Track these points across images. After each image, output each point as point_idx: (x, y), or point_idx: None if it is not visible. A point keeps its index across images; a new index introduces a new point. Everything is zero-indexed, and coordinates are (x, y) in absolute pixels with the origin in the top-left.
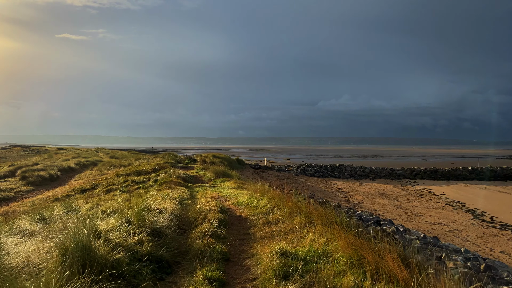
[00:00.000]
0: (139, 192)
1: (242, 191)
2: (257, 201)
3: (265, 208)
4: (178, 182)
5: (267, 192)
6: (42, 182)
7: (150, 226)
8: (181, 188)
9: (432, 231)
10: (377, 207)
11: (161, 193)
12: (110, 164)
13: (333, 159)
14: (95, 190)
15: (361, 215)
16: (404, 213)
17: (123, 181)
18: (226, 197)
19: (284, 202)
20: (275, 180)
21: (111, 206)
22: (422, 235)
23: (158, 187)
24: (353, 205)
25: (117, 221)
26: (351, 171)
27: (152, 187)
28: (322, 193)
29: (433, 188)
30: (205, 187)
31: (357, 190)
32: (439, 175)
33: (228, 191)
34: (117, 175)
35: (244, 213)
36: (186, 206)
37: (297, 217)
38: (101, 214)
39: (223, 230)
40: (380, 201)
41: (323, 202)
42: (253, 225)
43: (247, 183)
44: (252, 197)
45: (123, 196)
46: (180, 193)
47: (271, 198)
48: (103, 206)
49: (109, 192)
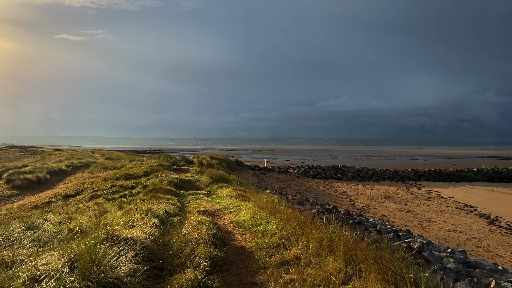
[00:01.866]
0: (122, 201)
1: (243, 202)
2: (265, 223)
3: (278, 237)
4: (168, 189)
5: (277, 209)
6: (29, 185)
7: (100, 279)
8: (170, 198)
9: (449, 240)
10: (386, 212)
11: (143, 206)
12: (103, 166)
13: (333, 160)
14: (79, 197)
15: (375, 224)
16: (415, 218)
17: (110, 186)
18: (223, 210)
19: (305, 229)
20: (276, 183)
21: (83, 222)
22: (450, 249)
23: (144, 195)
24: (360, 210)
25: (56, 263)
26: (354, 172)
27: (139, 194)
28: (326, 196)
29: (439, 190)
30: (199, 195)
31: (362, 193)
32: (444, 176)
33: (225, 201)
34: (105, 179)
35: (248, 242)
36: (170, 226)
37: (331, 258)
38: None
39: (216, 279)
40: (388, 205)
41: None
42: (262, 267)
43: (248, 190)
44: (258, 216)
45: (105, 205)
46: (167, 206)
47: (284, 220)
48: (76, 221)
49: (93, 199)
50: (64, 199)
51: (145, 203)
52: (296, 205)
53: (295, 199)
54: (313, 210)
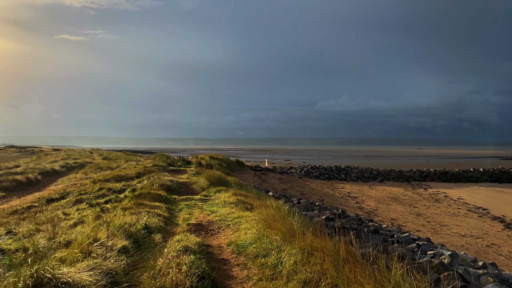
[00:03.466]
0: (105, 208)
1: (243, 212)
2: (276, 253)
3: (298, 280)
4: (157, 194)
5: (293, 231)
6: (18, 187)
7: None
8: (157, 205)
9: (468, 247)
10: (395, 215)
11: (119, 220)
12: (97, 167)
13: (334, 160)
14: (63, 201)
15: (390, 232)
16: (427, 222)
17: (98, 189)
18: (220, 223)
19: (343, 271)
20: (278, 184)
21: (41, 241)
22: (481, 262)
23: (130, 201)
24: (368, 213)
25: None
26: (358, 173)
27: (126, 199)
28: (331, 198)
29: (447, 191)
30: (193, 201)
31: (367, 195)
32: (450, 177)
33: (223, 210)
34: (94, 181)
35: (253, 284)
36: (146, 251)
37: None
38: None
39: None
40: (396, 207)
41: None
42: None
43: (249, 195)
44: (265, 238)
45: (86, 212)
46: (150, 218)
47: (307, 251)
48: (38, 235)
49: (77, 204)
50: (47, 204)
51: (127, 213)
52: (303, 210)
53: (301, 203)
54: (322, 217)
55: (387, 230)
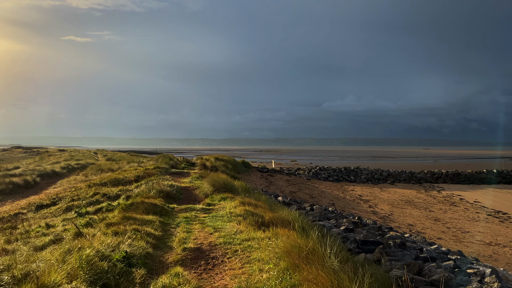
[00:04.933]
0: (93, 219)
1: (255, 232)
2: None
3: None
4: (152, 204)
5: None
6: (14, 190)
7: None
8: (149, 220)
9: (497, 258)
10: (412, 220)
11: (98, 242)
12: (98, 169)
13: (341, 160)
14: (53, 207)
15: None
16: (446, 228)
17: (92, 194)
18: (225, 248)
19: None
20: (286, 186)
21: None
22: None
23: (119, 213)
24: (383, 218)
25: None
26: (368, 174)
27: (116, 208)
28: (342, 201)
29: (462, 194)
30: (194, 211)
31: (379, 197)
32: (463, 178)
33: (229, 225)
34: (89, 186)
35: None
36: None
37: None
38: None
39: None
40: (412, 211)
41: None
42: None
43: (259, 203)
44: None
45: (69, 226)
46: (136, 241)
47: None
48: None
49: (66, 212)
50: (36, 210)
51: (110, 231)
52: (318, 219)
53: (314, 209)
54: (341, 227)
55: (411, 241)
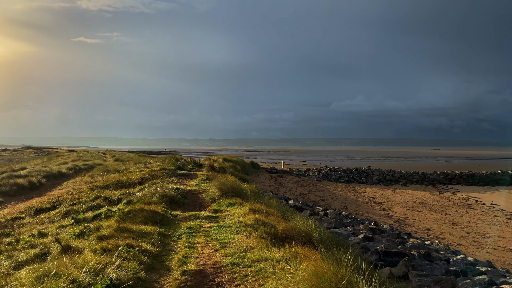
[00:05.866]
0: (88, 228)
1: (269, 250)
2: None
3: None
4: (152, 212)
5: None
6: (18, 191)
7: None
8: (147, 232)
9: None
10: (428, 224)
11: (84, 258)
12: (105, 170)
13: (351, 161)
14: (52, 211)
15: (447, 257)
16: (465, 233)
17: (93, 197)
18: (233, 272)
19: None
20: (296, 188)
21: None
22: None
23: (115, 222)
24: (398, 222)
25: None
26: (379, 175)
27: (113, 216)
28: (354, 204)
29: (477, 196)
30: (199, 219)
31: (393, 200)
32: (477, 179)
33: (238, 239)
34: (92, 188)
35: None
36: None
37: None
38: None
39: None
40: (427, 214)
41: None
42: None
43: (270, 210)
44: None
45: (64, 235)
46: (124, 262)
47: None
48: None
49: (64, 218)
50: (35, 215)
51: (99, 247)
52: (333, 226)
53: (328, 215)
54: (359, 236)
55: (433, 249)
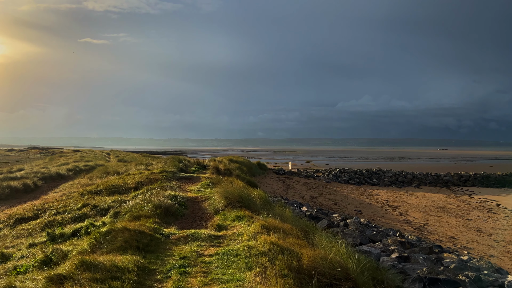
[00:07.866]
0: (58, 252)
1: None
2: None
3: None
4: (138, 233)
5: None
6: (11, 194)
7: None
8: (122, 269)
9: None
10: (451, 231)
11: None
12: (105, 171)
13: (358, 161)
14: (33, 222)
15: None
16: (494, 242)
17: (81, 205)
18: None
19: None
20: (305, 190)
21: None
22: None
23: (89, 245)
24: (418, 229)
25: None
26: (391, 177)
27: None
28: (368, 208)
29: (495, 198)
30: (198, 241)
31: (408, 203)
32: (493, 181)
33: (249, 280)
34: (82, 194)
35: None
36: None
37: None
38: None
39: None
40: (448, 220)
41: None
42: None
43: (287, 227)
44: None
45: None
46: None
47: None
48: None
49: (44, 230)
50: (14, 225)
51: None
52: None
53: (349, 225)
54: (393, 255)
55: (475, 267)
